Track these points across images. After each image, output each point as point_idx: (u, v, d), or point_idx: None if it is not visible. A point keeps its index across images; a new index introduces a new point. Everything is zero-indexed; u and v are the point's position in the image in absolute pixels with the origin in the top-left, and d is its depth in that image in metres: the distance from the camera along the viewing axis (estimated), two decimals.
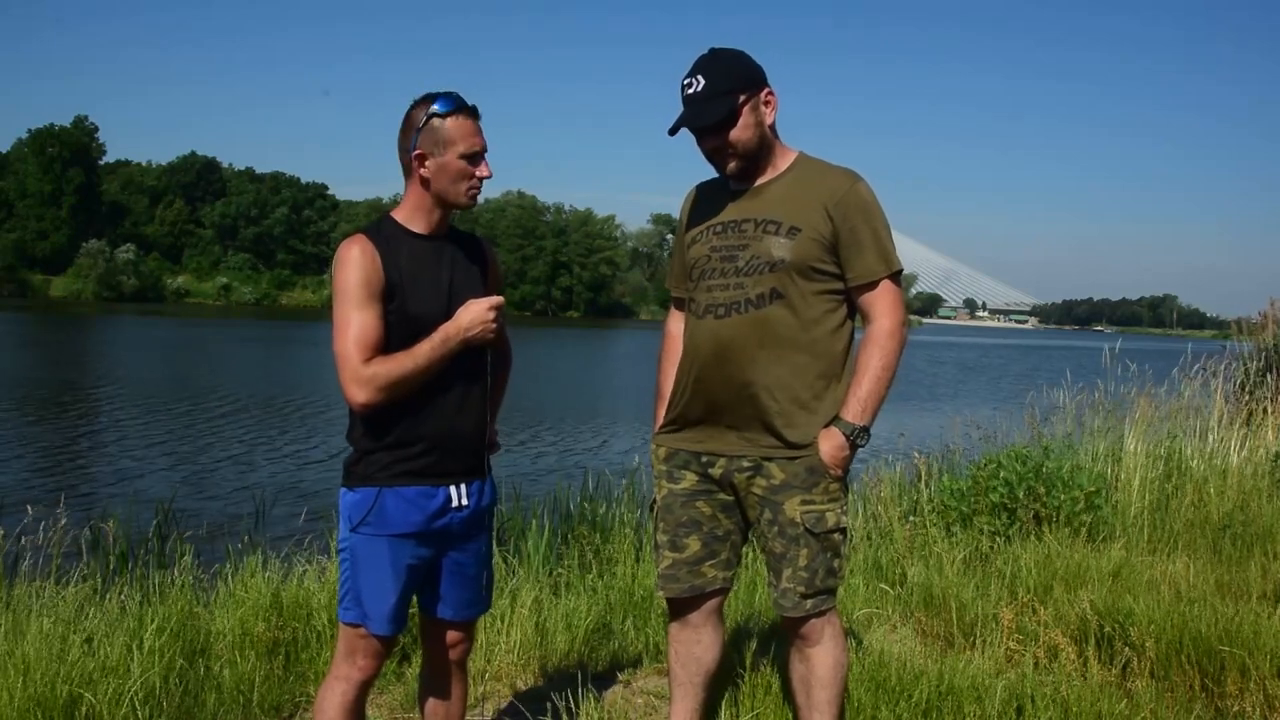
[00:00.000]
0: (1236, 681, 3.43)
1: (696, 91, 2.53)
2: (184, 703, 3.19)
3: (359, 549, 2.44)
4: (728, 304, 2.59)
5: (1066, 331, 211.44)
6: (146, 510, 7.37)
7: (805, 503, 2.58)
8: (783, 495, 2.59)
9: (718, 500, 2.70)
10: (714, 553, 2.72)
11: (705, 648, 2.80)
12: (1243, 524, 5.53)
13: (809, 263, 2.54)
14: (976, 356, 55.82)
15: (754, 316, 2.56)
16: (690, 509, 2.70)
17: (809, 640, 2.67)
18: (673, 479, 2.73)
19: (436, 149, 2.39)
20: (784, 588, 2.62)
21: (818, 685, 2.66)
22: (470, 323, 2.40)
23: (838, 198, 2.55)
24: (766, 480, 2.60)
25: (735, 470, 2.63)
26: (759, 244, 2.56)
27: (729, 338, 2.58)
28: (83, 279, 79.56)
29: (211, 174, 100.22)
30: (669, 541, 2.73)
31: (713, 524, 2.71)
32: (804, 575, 2.60)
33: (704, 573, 2.72)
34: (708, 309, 2.62)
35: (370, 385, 2.31)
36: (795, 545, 2.59)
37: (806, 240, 2.53)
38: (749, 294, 2.57)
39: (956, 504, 5.46)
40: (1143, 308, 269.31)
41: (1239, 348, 9.74)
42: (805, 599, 2.61)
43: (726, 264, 2.60)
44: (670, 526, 2.73)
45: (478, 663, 3.68)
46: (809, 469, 2.57)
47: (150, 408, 18.07)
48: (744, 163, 2.59)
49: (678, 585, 2.73)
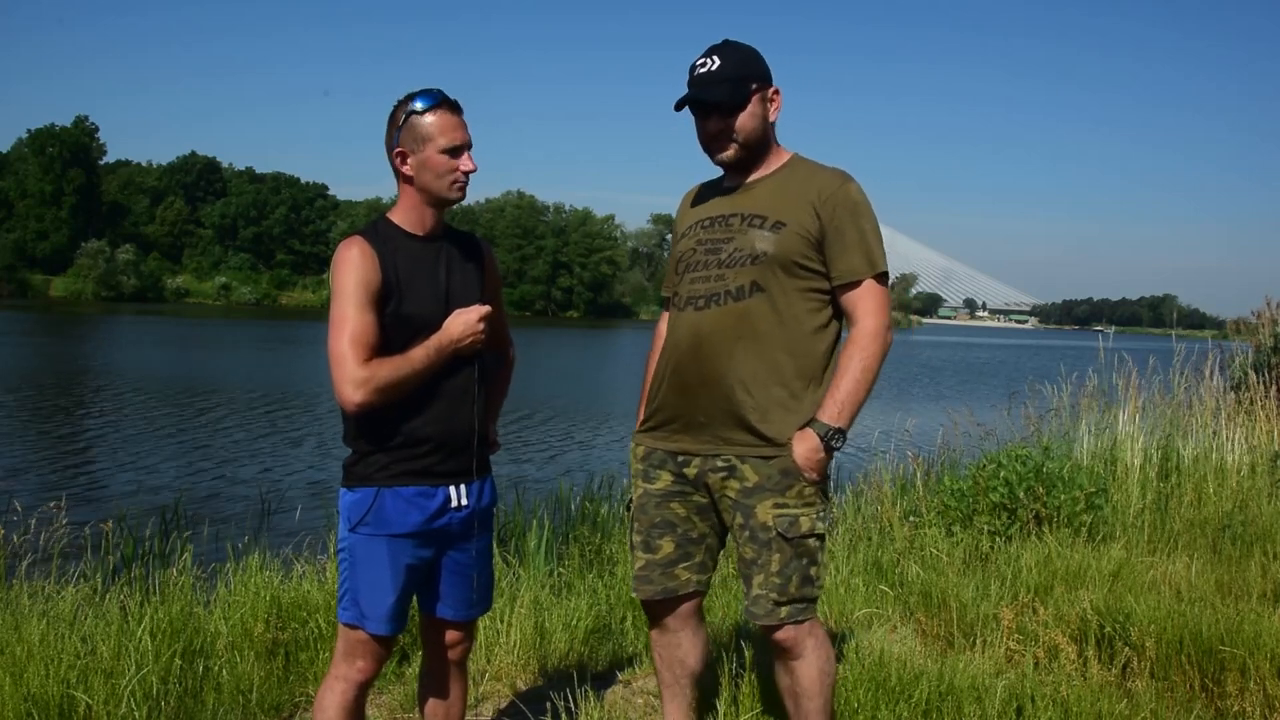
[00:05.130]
0: (1236, 681, 3.43)
1: (710, 71, 2.52)
2: (183, 703, 3.18)
3: (358, 549, 2.44)
4: (707, 295, 2.57)
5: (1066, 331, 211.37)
6: (147, 510, 7.37)
7: (778, 506, 2.51)
8: (755, 498, 2.53)
9: (692, 502, 2.66)
10: (688, 555, 2.69)
11: (686, 650, 2.77)
12: (1242, 524, 5.53)
13: (792, 257, 2.51)
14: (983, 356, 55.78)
15: (732, 309, 2.53)
16: (664, 510, 2.67)
17: (790, 653, 2.59)
18: (648, 479, 2.70)
19: (416, 145, 2.39)
20: (755, 594, 2.55)
21: (804, 696, 2.61)
22: (460, 333, 2.40)
23: (826, 195, 2.54)
24: (740, 483, 2.55)
25: (709, 470, 2.59)
26: (743, 237, 2.55)
27: (707, 330, 2.55)
28: (83, 279, 79.48)
29: (211, 174, 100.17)
30: (643, 542, 2.70)
31: (687, 526, 2.67)
32: (776, 581, 2.53)
33: (677, 575, 2.69)
34: (688, 301, 2.61)
35: (365, 386, 2.30)
36: (767, 550, 2.53)
37: (791, 235, 2.52)
38: (729, 286, 2.55)
39: (956, 504, 5.45)
40: (1143, 308, 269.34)
41: (1235, 347, 9.76)
42: (779, 606, 2.54)
43: (710, 256, 2.59)
44: (644, 527, 2.70)
45: (478, 663, 3.68)
46: (783, 471, 2.51)
47: (150, 407, 18.08)
48: (744, 152, 2.58)
49: (651, 587, 2.70)
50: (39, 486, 10.25)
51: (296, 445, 14.42)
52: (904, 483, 6.18)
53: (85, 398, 19.52)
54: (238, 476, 11.68)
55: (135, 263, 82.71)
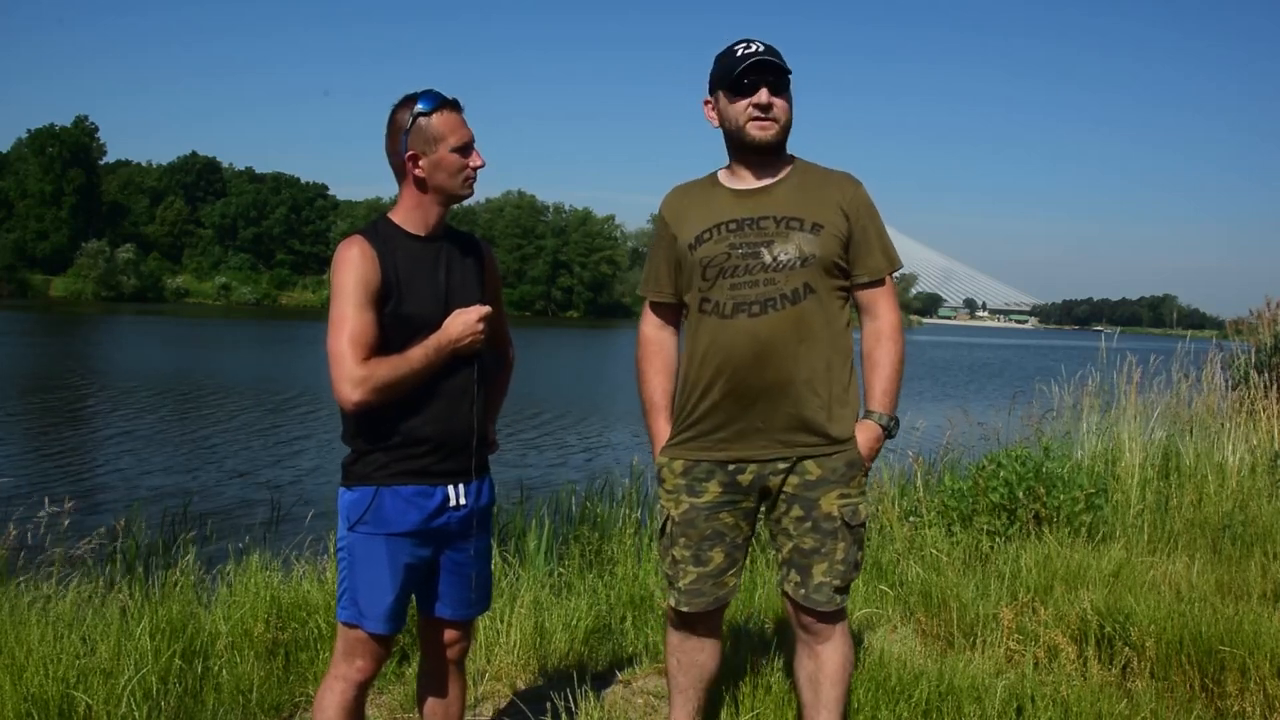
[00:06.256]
0: (1236, 681, 3.43)
1: (760, 49, 2.53)
2: (183, 703, 3.18)
3: (357, 548, 2.44)
4: (761, 300, 2.54)
5: (1066, 331, 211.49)
6: (147, 510, 7.37)
7: (843, 496, 2.59)
8: (818, 491, 2.58)
9: (741, 509, 2.66)
10: (734, 561, 2.70)
11: (709, 655, 2.79)
12: (1242, 524, 5.52)
13: (832, 259, 2.57)
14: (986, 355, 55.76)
15: (791, 312, 2.55)
16: (714, 521, 2.64)
17: (821, 636, 2.65)
18: (694, 492, 2.64)
19: (428, 147, 2.40)
20: (819, 583, 2.60)
21: (827, 682, 2.64)
22: (459, 333, 2.41)
23: (849, 198, 2.62)
24: (800, 477, 2.59)
25: (769, 474, 2.60)
26: (785, 240, 2.55)
27: (768, 335, 2.54)
28: (83, 279, 79.54)
29: (211, 174, 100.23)
30: (692, 556, 2.66)
31: (734, 533, 2.68)
32: (840, 569, 2.60)
33: (725, 583, 2.70)
34: (738, 307, 2.55)
35: (364, 385, 2.30)
36: (832, 539, 2.59)
37: (829, 237, 2.57)
38: (783, 289, 2.54)
39: (956, 504, 5.45)
40: (1143, 308, 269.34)
41: (1235, 347, 9.76)
42: (838, 593, 2.61)
43: (751, 260, 2.56)
44: (693, 541, 2.65)
45: (477, 663, 3.68)
46: (848, 463, 2.60)
47: (150, 407, 18.08)
48: (780, 135, 2.60)
49: (703, 600, 2.68)
50: (38, 486, 10.24)
51: (296, 445, 14.42)
52: (904, 483, 6.17)
53: (85, 398, 19.52)
54: (237, 476, 11.68)
55: (135, 263, 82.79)
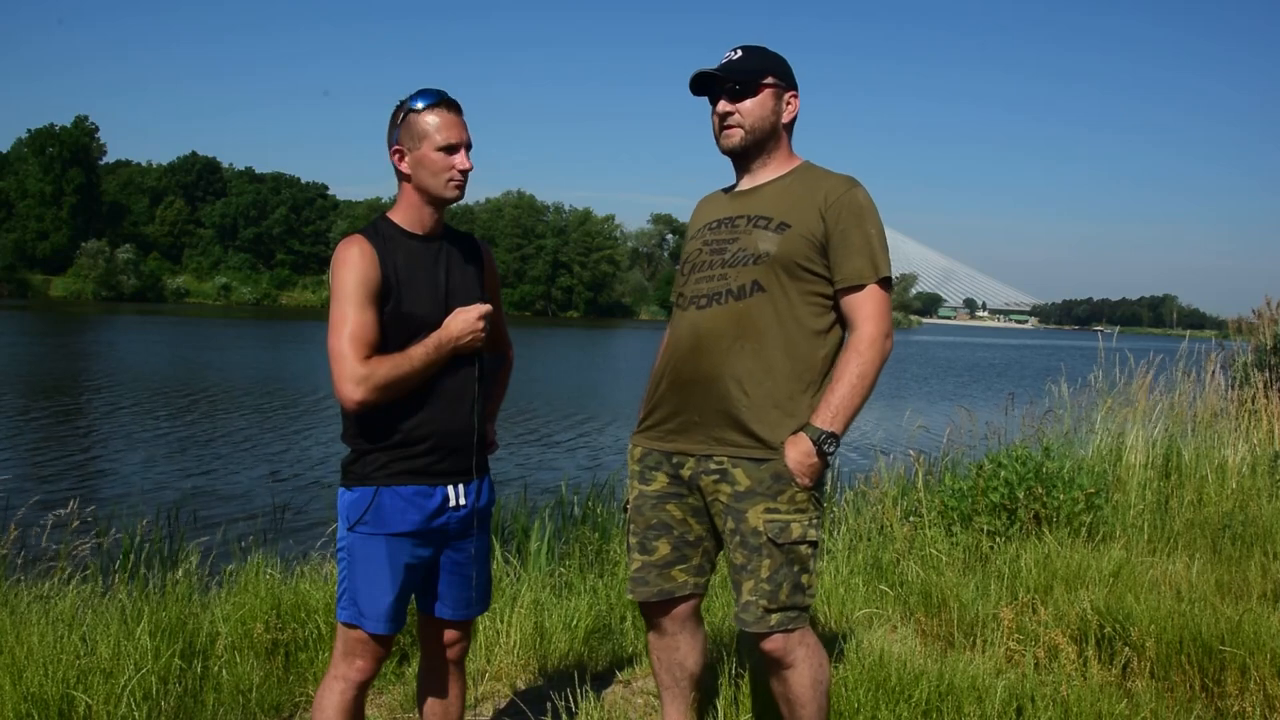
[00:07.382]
0: (1236, 681, 3.43)
1: (731, 60, 2.60)
2: (183, 703, 3.18)
3: (356, 548, 2.44)
4: (710, 294, 2.58)
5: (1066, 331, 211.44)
6: (147, 510, 7.36)
7: (769, 511, 2.48)
8: (746, 503, 2.50)
9: (688, 504, 2.65)
10: (684, 557, 2.68)
11: (685, 653, 2.76)
12: (1243, 524, 5.52)
13: (795, 259, 2.51)
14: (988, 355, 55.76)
15: (733, 308, 2.53)
16: (660, 511, 2.66)
17: (781, 662, 2.55)
18: (644, 480, 2.69)
19: (413, 142, 2.41)
20: (745, 601, 2.51)
21: (797, 704, 2.58)
22: (460, 331, 2.41)
23: (832, 199, 2.54)
24: (731, 487, 2.53)
25: (702, 473, 2.57)
26: (747, 237, 2.56)
27: (708, 328, 2.55)
28: (83, 279, 79.51)
29: (211, 174, 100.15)
30: (639, 544, 2.69)
31: (683, 528, 2.66)
32: (766, 588, 2.48)
33: (674, 577, 2.68)
34: (690, 300, 2.62)
35: (365, 384, 2.30)
36: (757, 556, 2.49)
37: (795, 236, 2.52)
38: (730, 285, 2.55)
39: (956, 504, 5.45)
40: (1143, 308, 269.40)
41: (1235, 346, 9.77)
42: (769, 613, 2.49)
43: (714, 256, 2.61)
44: (640, 528, 2.69)
45: (478, 663, 3.68)
46: (775, 475, 2.48)
47: (150, 408, 18.08)
48: (749, 140, 2.59)
49: (646, 589, 2.69)
50: (38, 486, 10.24)
51: (296, 445, 14.42)
52: (904, 483, 6.17)
53: (85, 398, 19.51)
54: (237, 477, 11.68)
55: (135, 263, 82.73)
